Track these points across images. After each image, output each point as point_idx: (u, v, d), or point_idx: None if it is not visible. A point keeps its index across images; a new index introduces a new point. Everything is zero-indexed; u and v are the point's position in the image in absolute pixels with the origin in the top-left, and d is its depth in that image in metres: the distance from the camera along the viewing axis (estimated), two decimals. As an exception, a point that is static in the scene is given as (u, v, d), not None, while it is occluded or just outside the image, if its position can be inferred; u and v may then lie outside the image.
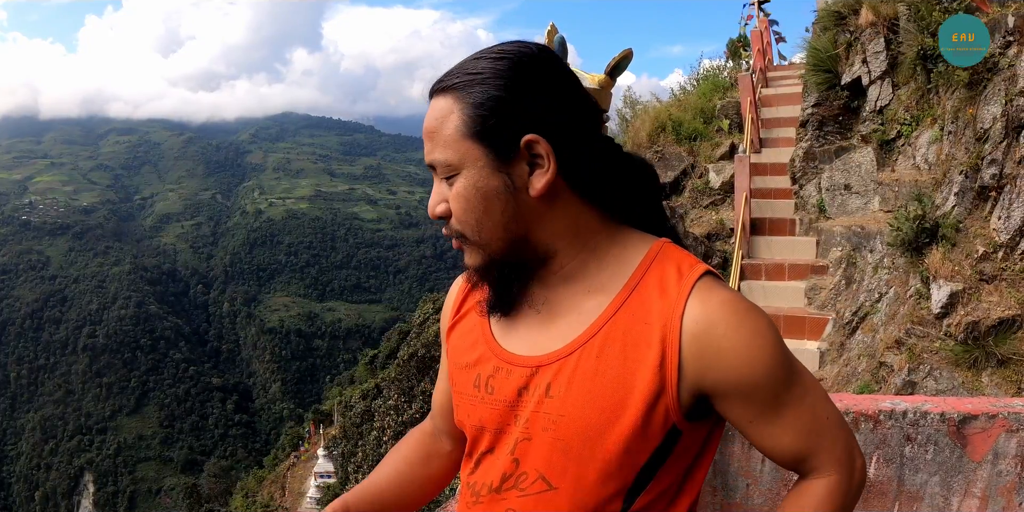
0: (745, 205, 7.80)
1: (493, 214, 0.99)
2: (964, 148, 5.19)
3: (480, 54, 1.02)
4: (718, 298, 0.98)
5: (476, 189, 0.98)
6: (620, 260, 1.04)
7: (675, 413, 0.98)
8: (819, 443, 1.03)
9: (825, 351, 6.37)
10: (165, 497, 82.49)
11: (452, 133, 0.98)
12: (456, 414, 1.15)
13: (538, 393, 1.02)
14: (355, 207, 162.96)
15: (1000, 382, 4.22)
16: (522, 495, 1.03)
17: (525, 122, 0.97)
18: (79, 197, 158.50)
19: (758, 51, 11.30)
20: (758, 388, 0.98)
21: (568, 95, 1.01)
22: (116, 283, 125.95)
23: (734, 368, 0.97)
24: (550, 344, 1.03)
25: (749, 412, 1.01)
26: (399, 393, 16.44)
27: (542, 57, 1.02)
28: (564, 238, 1.03)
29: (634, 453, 0.98)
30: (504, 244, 1.01)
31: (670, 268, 1.01)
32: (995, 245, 4.59)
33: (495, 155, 0.98)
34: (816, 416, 1.03)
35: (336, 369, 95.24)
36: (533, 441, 1.02)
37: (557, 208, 1.02)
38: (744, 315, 0.97)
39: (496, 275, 1.05)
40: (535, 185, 0.99)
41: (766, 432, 1.02)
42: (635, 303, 1.00)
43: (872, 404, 1.69)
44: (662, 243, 1.06)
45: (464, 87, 0.99)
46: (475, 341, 1.13)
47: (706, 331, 0.96)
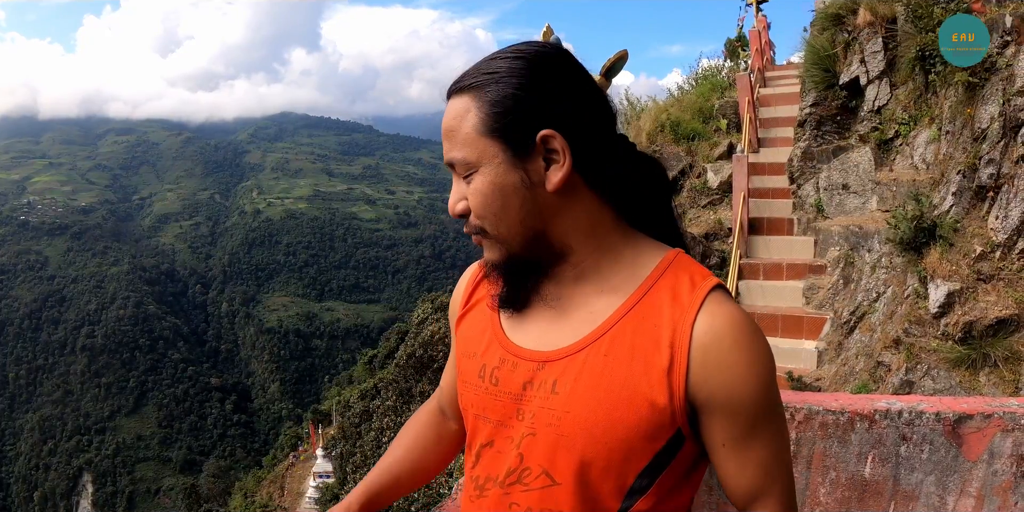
0: (743, 205, 7.81)
1: (511, 209, 1.01)
2: (962, 148, 5.20)
3: (496, 54, 1.04)
4: (728, 314, 1.00)
5: (494, 185, 1.00)
6: (634, 263, 1.06)
7: (681, 418, 0.99)
8: (773, 487, 1.03)
9: (823, 351, 6.38)
10: (164, 497, 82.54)
11: (470, 131, 1.00)
12: (460, 401, 1.18)
13: (544, 389, 1.03)
14: (353, 207, 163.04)
15: (997, 382, 4.23)
16: (526, 490, 1.04)
17: (541, 118, 0.99)
18: (77, 197, 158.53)
19: (756, 51, 11.30)
20: (743, 409, 0.99)
21: (584, 92, 1.03)
22: (114, 283, 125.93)
23: (729, 384, 0.98)
24: (558, 340, 1.05)
25: (727, 433, 1.01)
26: (397, 393, 16.44)
27: (558, 56, 1.03)
28: (580, 235, 1.04)
29: (637, 453, 0.99)
30: (522, 239, 1.03)
31: (684, 277, 1.03)
32: (993, 245, 4.59)
33: (512, 151, 0.99)
34: (779, 459, 1.04)
35: (335, 369, 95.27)
36: (538, 436, 1.03)
37: (574, 204, 1.03)
38: (751, 336, 1.00)
39: (513, 270, 1.06)
40: (552, 179, 1.00)
41: (734, 459, 1.02)
42: (647, 306, 1.02)
43: (867, 403, 1.69)
44: (677, 252, 1.08)
45: (481, 86, 1.01)
46: (483, 331, 1.15)
47: (713, 343, 0.98)
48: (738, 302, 6.35)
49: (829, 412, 1.69)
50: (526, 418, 1.04)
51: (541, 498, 1.03)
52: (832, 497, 1.72)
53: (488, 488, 1.08)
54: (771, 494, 1.03)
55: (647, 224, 1.11)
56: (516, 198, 1.00)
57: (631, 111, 11.48)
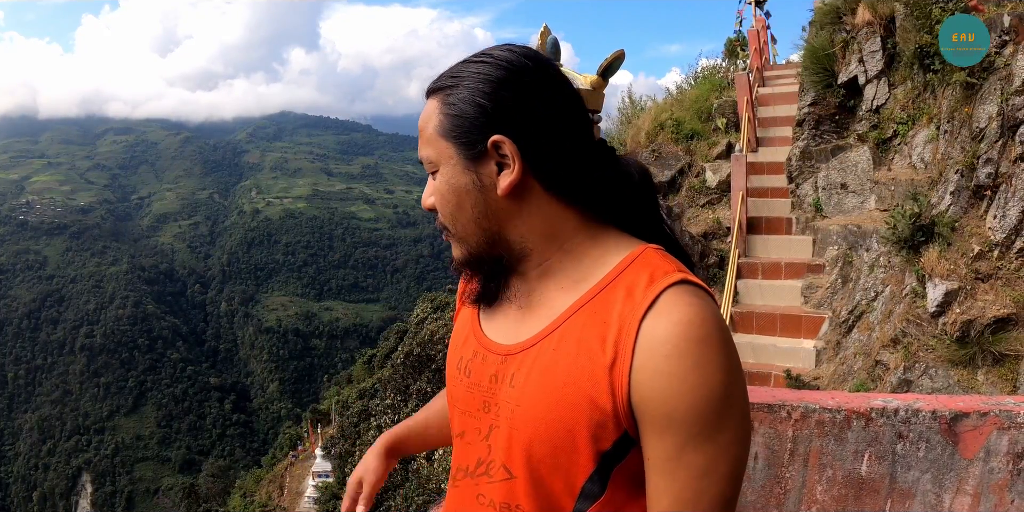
0: (742, 204, 7.81)
1: (465, 210, 1.04)
2: (960, 147, 5.20)
3: (470, 58, 1.07)
4: (681, 314, 0.93)
5: (449, 185, 1.04)
6: (598, 262, 1.04)
7: (625, 420, 0.94)
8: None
9: (821, 350, 6.39)
10: (163, 497, 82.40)
11: (432, 132, 1.05)
12: (446, 391, 1.21)
13: (505, 382, 1.05)
14: (352, 206, 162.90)
15: (995, 380, 4.23)
16: (490, 482, 1.05)
17: (494, 124, 1.01)
18: (76, 197, 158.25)
19: (755, 50, 11.30)
20: (672, 427, 0.91)
21: (549, 98, 1.03)
22: (113, 283, 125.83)
23: (661, 396, 0.91)
24: (521, 335, 1.06)
25: (652, 450, 0.94)
26: (395, 393, 16.44)
27: (525, 61, 1.04)
28: (538, 237, 1.05)
29: (582, 452, 0.97)
30: (479, 239, 1.06)
31: (643, 273, 1.00)
32: (990, 244, 4.60)
33: (463, 154, 1.03)
34: (699, 500, 0.92)
35: (334, 368, 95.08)
36: (500, 429, 1.04)
37: (530, 208, 1.04)
38: (698, 341, 0.91)
39: (476, 268, 1.10)
40: (500, 185, 1.02)
41: (653, 482, 0.94)
42: (599, 302, 1.00)
43: (864, 402, 1.70)
44: (645, 248, 1.05)
45: (445, 89, 1.05)
46: (465, 324, 1.19)
47: (656, 346, 0.92)
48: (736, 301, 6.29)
49: (826, 410, 1.70)
50: (491, 410, 1.06)
51: (501, 491, 1.04)
52: (829, 495, 1.73)
53: (459, 478, 1.11)
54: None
55: (631, 225, 1.09)
56: (468, 199, 1.03)
57: (631, 110, 11.49)
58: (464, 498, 1.09)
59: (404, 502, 10.72)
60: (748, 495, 1.76)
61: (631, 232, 1.09)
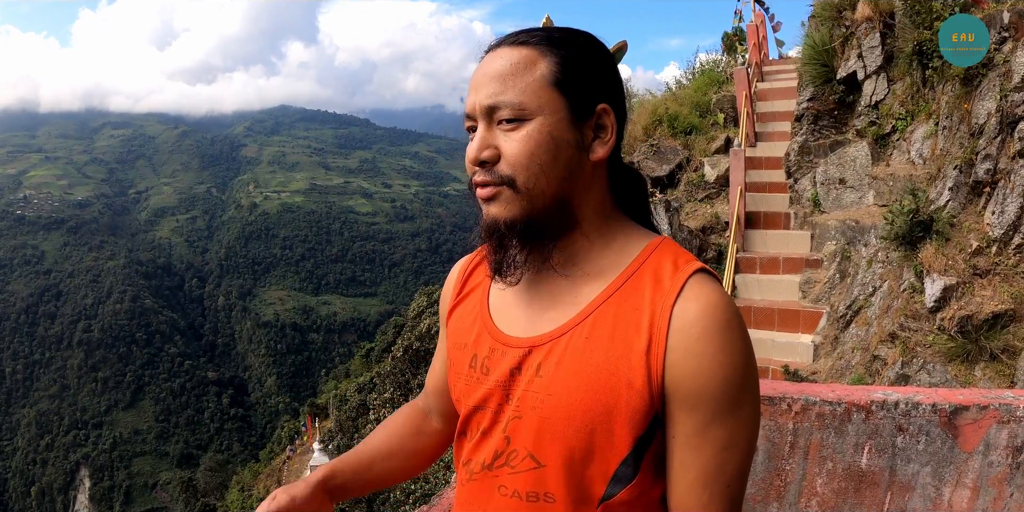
0: (740, 199, 7.82)
1: (558, 164, 1.01)
2: (958, 143, 5.21)
3: (559, 28, 1.08)
4: (708, 299, 0.99)
5: (551, 136, 1.00)
6: (621, 250, 1.07)
7: (658, 401, 0.99)
8: (710, 502, 0.98)
9: (819, 344, 6.40)
10: (161, 491, 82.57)
11: (537, 79, 1.01)
12: (452, 393, 1.19)
13: (529, 372, 1.05)
14: (350, 200, 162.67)
15: (993, 376, 4.25)
16: (513, 472, 1.06)
17: (604, 92, 1.04)
18: (74, 191, 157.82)
19: (754, 45, 11.30)
20: (702, 403, 0.97)
21: (620, 82, 1.09)
22: (111, 277, 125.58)
23: (693, 375, 0.96)
24: (545, 326, 1.06)
25: (680, 426, 0.99)
26: (394, 387, 16.46)
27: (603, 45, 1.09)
28: (592, 211, 1.07)
29: (618, 438, 0.99)
30: (552, 198, 1.03)
31: (667, 261, 1.04)
32: (988, 240, 4.61)
33: (574, 111, 1.02)
34: (723, 471, 0.98)
35: (331, 363, 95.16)
36: (523, 419, 1.04)
37: (599, 182, 1.07)
38: (724, 324, 0.97)
39: (526, 229, 1.04)
40: (596, 151, 1.04)
41: (678, 457, 0.99)
42: (628, 290, 1.03)
43: (864, 394, 1.71)
44: (663, 239, 1.09)
45: (552, 44, 1.03)
46: (473, 321, 1.16)
47: (687, 328, 0.97)
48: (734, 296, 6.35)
49: (826, 403, 1.71)
50: (512, 401, 1.06)
51: (527, 481, 1.04)
52: (829, 487, 1.74)
53: (477, 472, 1.10)
54: (706, 508, 0.98)
55: (635, 216, 1.14)
56: (565, 155, 1.01)
57: (629, 104, 11.48)
58: (483, 491, 1.09)
59: (402, 494, 10.73)
60: (748, 487, 1.77)
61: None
